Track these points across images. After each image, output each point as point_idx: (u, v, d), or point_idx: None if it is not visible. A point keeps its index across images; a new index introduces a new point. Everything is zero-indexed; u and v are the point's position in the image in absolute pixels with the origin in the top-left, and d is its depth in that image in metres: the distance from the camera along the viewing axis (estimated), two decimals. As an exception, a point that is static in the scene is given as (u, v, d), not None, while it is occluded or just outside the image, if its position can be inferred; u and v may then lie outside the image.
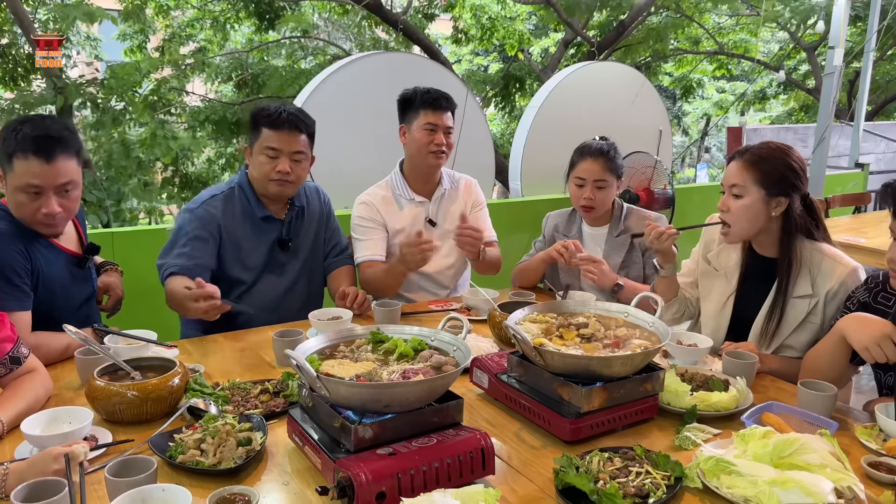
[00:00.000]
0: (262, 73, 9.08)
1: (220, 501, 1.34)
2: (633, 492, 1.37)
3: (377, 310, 2.45)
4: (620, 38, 9.30)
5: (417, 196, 2.94)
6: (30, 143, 1.96)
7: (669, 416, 1.77)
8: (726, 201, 2.21)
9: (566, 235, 2.96)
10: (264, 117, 2.52)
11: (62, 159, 2.00)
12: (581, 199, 2.84)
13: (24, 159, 1.96)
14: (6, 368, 1.77)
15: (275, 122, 2.50)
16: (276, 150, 2.51)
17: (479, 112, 5.33)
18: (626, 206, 2.97)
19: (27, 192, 2.00)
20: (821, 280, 2.17)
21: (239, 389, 1.86)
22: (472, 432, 1.46)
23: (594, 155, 2.82)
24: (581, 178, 2.84)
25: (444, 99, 2.84)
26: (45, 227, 2.09)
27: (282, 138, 2.51)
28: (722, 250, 2.39)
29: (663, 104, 6.24)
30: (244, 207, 2.60)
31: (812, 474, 1.35)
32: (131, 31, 9.98)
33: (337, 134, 4.50)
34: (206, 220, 2.51)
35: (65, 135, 2.02)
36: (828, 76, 6.18)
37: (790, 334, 2.20)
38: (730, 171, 2.22)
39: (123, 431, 1.66)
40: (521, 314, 1.88)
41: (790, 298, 2.18)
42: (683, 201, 5.35)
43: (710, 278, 2.42)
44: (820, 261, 2.18)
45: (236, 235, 2.57)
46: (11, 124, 2.02)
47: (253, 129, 2.56)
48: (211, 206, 2.55)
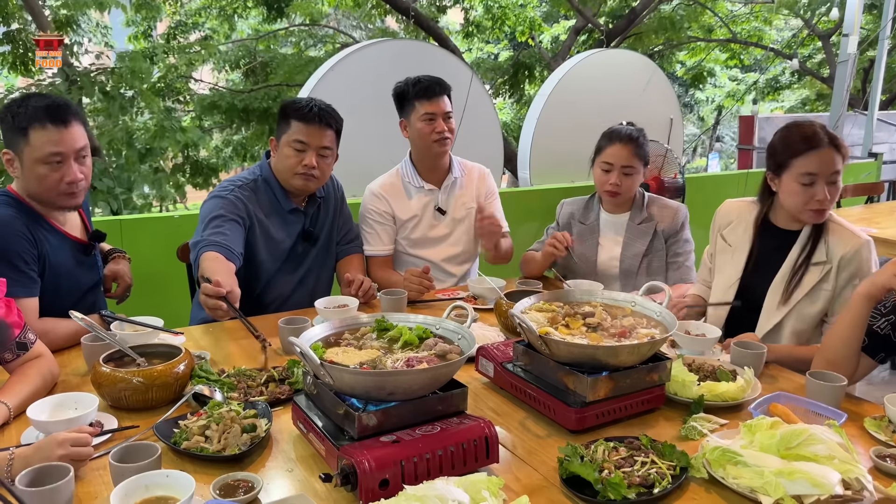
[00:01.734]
0: (271, 62, 9.07)
1: (224, 488, 1.34)
2: (638, 481, 1.37)
3: (383, 298, 2.45)
4: (632, 26, 9.24)
5: (427, 184, 2.93)
6: (43, 112, 2.00)
7: (676, 406, 1.76)
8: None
9: (583, 223, 2.94)
10: (294, 110, 2.50)
11: (75, 124, 2.05)
12: (606, 184, 2.80)
13: (41, 129, 1.99)
14: (13, 354, 1.77)
15: (305, 115, 2.48)
16: (304, 144, 2.49)
17: (487, 100, 5.30)
18: (647, 195, 2.94)
19: (49, 163, 2.02)
20: (835, 247, 2.20)
21: (244, 376, 1.86)
22: (476, 420, 1.45)
23: (623, 140, 2.78)
24: (608, 163, 2.79)
25: (436, 85, 2.80)
26: (68, 198, 2.10)
27: (311, 132, 2.49)
28: (735, 227, 2.42)
29: (674, 92, 6.19)
30: (271, 200, 2.59)
31: (819, 465, 1.34)
32: (138, 18, 9.99)
33: (345, 122, 4.48)
34: (237, 205, 2.48)
35: (70, 103, 2.09)
36: (842, 64, 6.12)
37: (801, 300, 2.22)
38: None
39: (129, 417, 1.66)
40: (527, 303, 1.87)
41: (811, 265, 2.22)
42: (694, 191, 5.31)
43: (724, 254, 2.44)
44: (833, 229, 2.23)
45: (265, 225, 2.56)
46: (13, 103, 2.05)
47: (281, 122, 2.54)
48: (241, 193, 2.52)
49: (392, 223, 2.92)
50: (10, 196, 2.10)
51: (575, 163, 5.44)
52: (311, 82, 4.62)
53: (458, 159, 3.03)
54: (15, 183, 2.13)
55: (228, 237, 2.37)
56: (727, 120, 18.08)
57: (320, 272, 2.76)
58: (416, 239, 2.95)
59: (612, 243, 2.90)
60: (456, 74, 4.46)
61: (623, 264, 2.86)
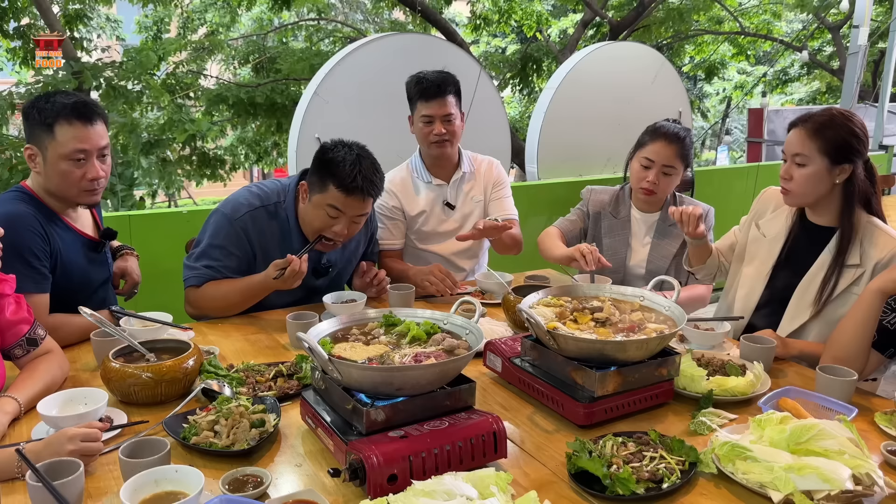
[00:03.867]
0: (279, 57, 9.08)
1: (233, 482, 1.35)
2: (646, 476, 1.36)
3: (392, 293, 2.45)
4: (640, 19, 9.19)
5: (435, 179, 2.92)
6: (70, 109, 2.02)
7: (685, 401, 1.75)
8: (789, 169, 2.17)
9: (615, 216, 2.86)
10: (334, 175, 2.27)
11: (99, 123, 2.08)
12: (644, 180, 2.70)
13: (67, 124, 2.02)
14: (23, 350, 1.79)
15: (348, 186, 2.26)
16: (340, 212, 2.30)
17: (495, 94, 5.28)
18: (678, 195, 2.87)
19: (73, 159, 2.04)
20: (871, 251, 2.12)
21: (253, 372, 1.87)
22: (484, 416, 1.45)
23: (670, 139, 2.66)
24: (650, 160, 2.69)
25: (436, 87, 2.72)
26: (88, 195, 2.13)
27: (351, 204, 2.30)
28: (775, 217, 2.35)
29: (683, 85, 6.16)
30: (283, 230, 2.43)
31: (829, 460, 1.33)
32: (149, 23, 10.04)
33: (353, 116, 4.48)
34: (241, 236, 2.37)
35: (96, 102, 2.13)
36: (852, 56, 6.07)
37: (830, 303, 2.15)
38: (792, 140, 2.16)
39: (138, 412, 1.67)
40: (535, 298, 1.87)
41: (844, 267, 2.14)
42: (703, 184, 5.28)
43: (757, 244, 2.37)
44: (872, 233, 2.15)
45: (270, 255, 2.38)
46: (39, 99, 2.07)
47: (319, 177, 2.31)
48: (252, 218, 2.38)
49: (402, 218, 2.91)
50: (25, 192, 2.11)
51: (583, 156, 5.43)
52: (318, 76, 4.61)
53: (469, 153, 3.01)
54: (30, 179, 2.14)
55: (221, 271, 2.36)
56: (735, 112, 17.99)
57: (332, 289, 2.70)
58: (425, 233, 2.94)
59: (639, 243, 2.85)
60: (464, 69, 4.44)
61: (650, 265, 2.81)
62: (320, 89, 4.43)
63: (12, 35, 8.62)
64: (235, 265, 2.38)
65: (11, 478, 1.37)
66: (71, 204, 2.17)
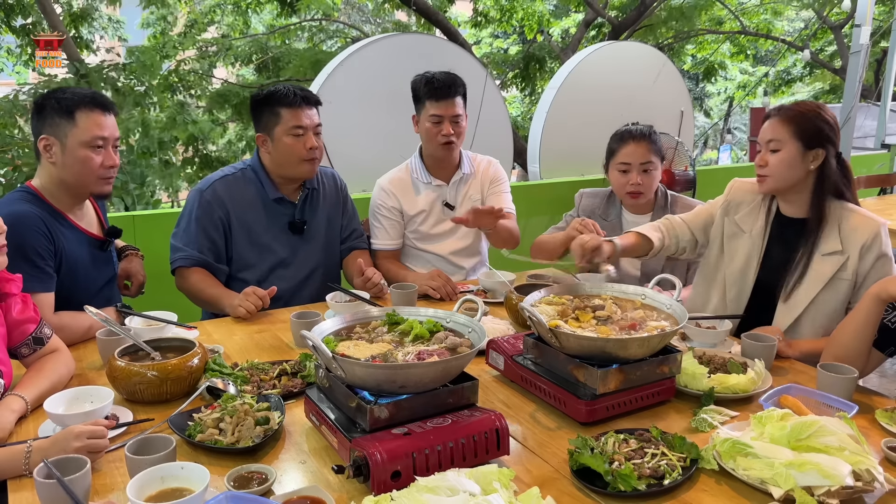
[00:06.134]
0: (283, 57, 9.09)
1: (238, 479, 1.36)
2: (648, 473, 1.37)
3: (394, 292, 2.46)
4: (641, 18, 9.18)
5: (435, 180, 2.93)
6: (89, 98, 2.12)
7: (686, 399, 1.76)
8: (764, 157, 2.22)
9: (605, 220, 2.86)
10: (279, 100, 2.54)
11: (113, 115, 2.17)
12: (627, 185, 2.73)
13: (88, 112, 2.09)
14: (30, 349, 1.80)
15: (292, 102, 2.54)
16: (303, 128, 2.55)
17: (497, 94, 5.29)
18: (670, 194, 2.87)
19: (93, 146, 2.10)
20: (851, 236, 2.15)
21: (257, 370, 1.88)
22: (487, 413, 1.46)
23: (637, 138, 2.73)
24: (626, 164, 2.73)
25: (446, 87, 2.76)
26: (103, 184, 2.18)
27: (303, 115, 2.55)
28: (749, 212, 2.36)
29: (685, 84, 6.16)
30: (257, 189, 2.62)
31: (830, 457, 1.34)
32: (153, 20, 10.04)
33: (354, 116, 4.50)
34: (213, 204, 2.55)
35: (109, 98, 2.22)
36: (854, 55, 6.07)
37: (820, 292, 2.17)
38: (766, 128, 2.23)
39: (143, 410, 1.68)
40: (537, 296, 1.88)
41: (816, 255, 2.18)
42: (705, 183, 5.29)
43: (736, 239, 2.38)
44: (848, 217, 2.18)
45: (246, 218, 2.59)
46: (55, 91, 2.13)
47: (266, 115, 2.58)
48: (219, 186, 2.58)
49: (400, 218, 2.93)
50: (30, 192, 2.13)
51: (585, 156, 5.43)
52: (320, 77, 4.62)
53: (469, 154, 3.02)
54: (35, 178, 2.16)
55: (201, 245, 2.54)
56: (737, 112, 17.96)
57: (325, 272, 2.76)
58: (424, 233, 2.95)
59: None
60: (467, 70, 4.46)
61: (645, 267, 2.81)
62: (322, 90, 4.44)
63: (19, 31, 8.63)
64: (210, 242, 2.55)
65: (19, 474, 1.39)
66: (84, 195, 2.20)
